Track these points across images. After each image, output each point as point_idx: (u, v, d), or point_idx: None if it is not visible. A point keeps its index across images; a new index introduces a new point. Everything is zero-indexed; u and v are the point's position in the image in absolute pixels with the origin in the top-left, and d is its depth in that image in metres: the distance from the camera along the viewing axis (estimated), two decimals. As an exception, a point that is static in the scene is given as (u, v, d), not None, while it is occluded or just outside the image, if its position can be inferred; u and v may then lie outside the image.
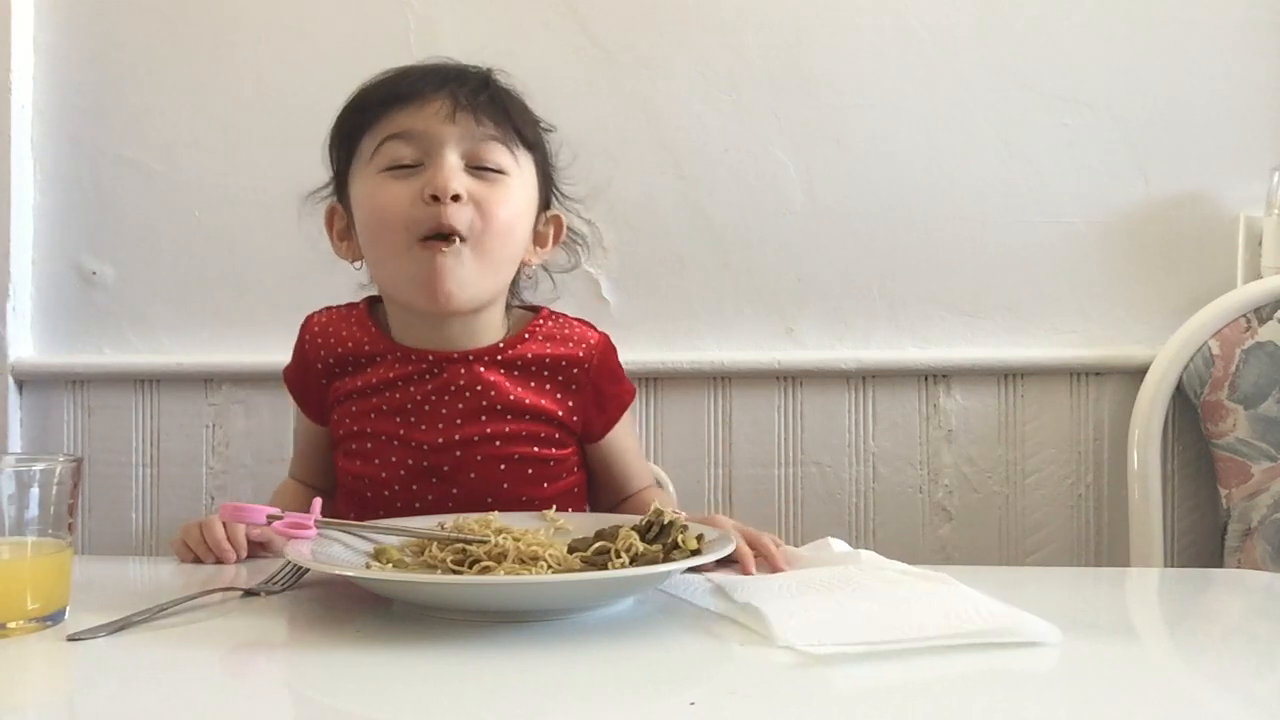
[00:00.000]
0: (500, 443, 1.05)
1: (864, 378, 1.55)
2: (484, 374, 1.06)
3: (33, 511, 0.77)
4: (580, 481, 1.14)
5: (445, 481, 1.05)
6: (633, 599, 0.83)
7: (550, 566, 0.81)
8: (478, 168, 1.03)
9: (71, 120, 1.63)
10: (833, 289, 1.56)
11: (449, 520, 0.93)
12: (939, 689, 0.64)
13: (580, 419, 1.09)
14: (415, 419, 1.06)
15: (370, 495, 1.08)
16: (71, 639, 0.73)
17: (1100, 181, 1.53)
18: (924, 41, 1.55)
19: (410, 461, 1.06)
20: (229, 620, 0.80)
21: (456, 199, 1.00)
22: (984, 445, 1.54)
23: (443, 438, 1.05)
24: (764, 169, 1.56)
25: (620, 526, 0.86)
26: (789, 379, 1.55)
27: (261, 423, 1.59)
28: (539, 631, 0.75)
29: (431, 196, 1.00)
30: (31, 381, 1.63)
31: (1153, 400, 1.45)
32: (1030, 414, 1.54)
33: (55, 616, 0.77)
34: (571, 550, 0.84)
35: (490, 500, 1.04)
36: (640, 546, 0.82)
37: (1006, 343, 1.54)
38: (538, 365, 1.08)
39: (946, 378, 1.54)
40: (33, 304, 1.63)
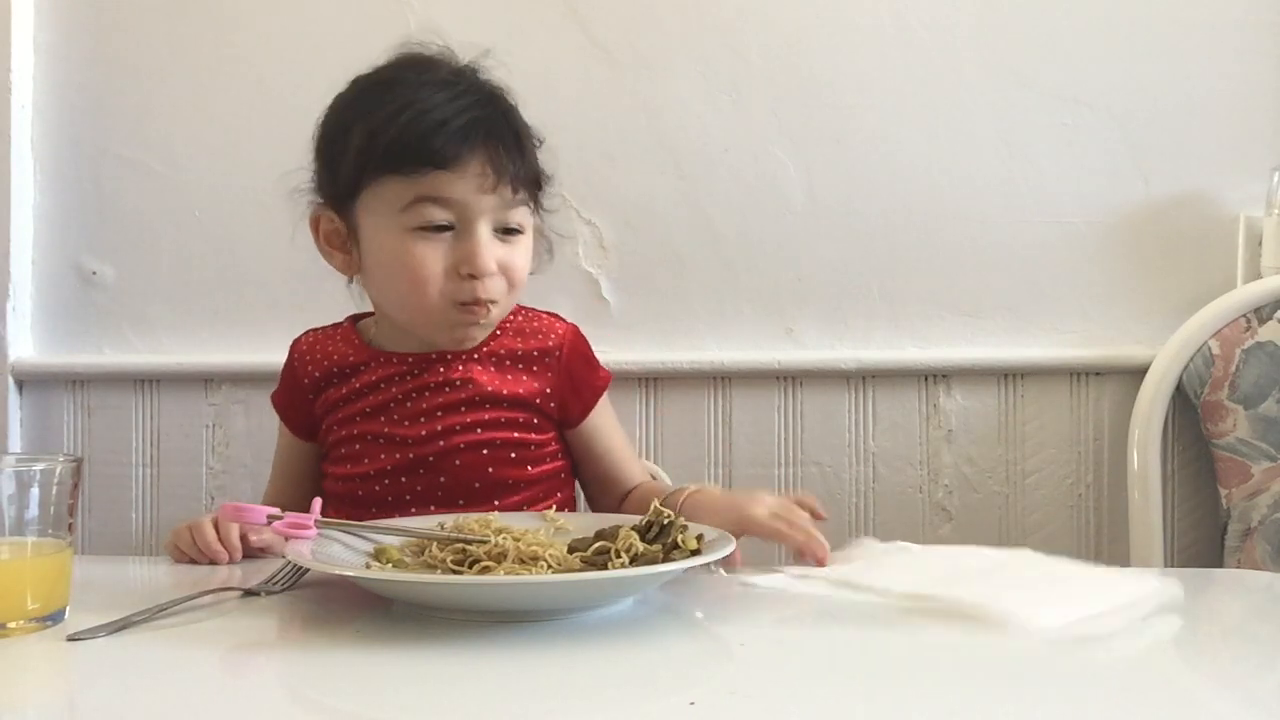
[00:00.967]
0: (481, 429, 1.09)
1: (864, 378, 1.55)
2: (461, 369, 1.10)
3: (33, 511, 0.77)
4: (565, 468, 1.16)
5: (431, 472, 1.08)
6: (633, 599, 0.83)
7: (550, 566, 0.82)
8: (505, 229, 1.07)
9: (71, 120, 1.63)
10: (832, 289, 1.56)
11: (449, 520, 0.93)
12: (924, 676, 0.64)
13: (557, 405, 1.12)
14: (399, 416, 1.10)
15: (361, 493, 1.10)
16: (71, 639, 0.73)
17: (1100, 181, 1.53)
18: (924, 41, 1.55)
19: (397, 456, 1.09)
20: (229, 620, 0.80)
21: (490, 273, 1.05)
22: (984, 445, 1.54)
23: (425, 430, 1.08)
24: (764, 169, 1.56)
25: (620, 526, 0.86)
26: (789, 379, 1.55)
27: (261, 423, 1.59)
28: (539, 631, 0.75)
29: (469, 275, 1.04)
30: (31, 381, 1.63)
31: (1153, 400, 1.45)
32: (1030, 414, 1.54)
33: (55, 616, 0.77)
34: (571, 550, 0.84)
35: (477, 485, 1.08)
36: (640, 546, 0.82)
37: (1006, 343, 1.54)
38: (512, 358, 1.11)
39: (946, 378, 1.54)
40: (33, 304, 1.63)
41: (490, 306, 1.06)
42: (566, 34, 1.57)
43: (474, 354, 1.10)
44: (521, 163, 1.07)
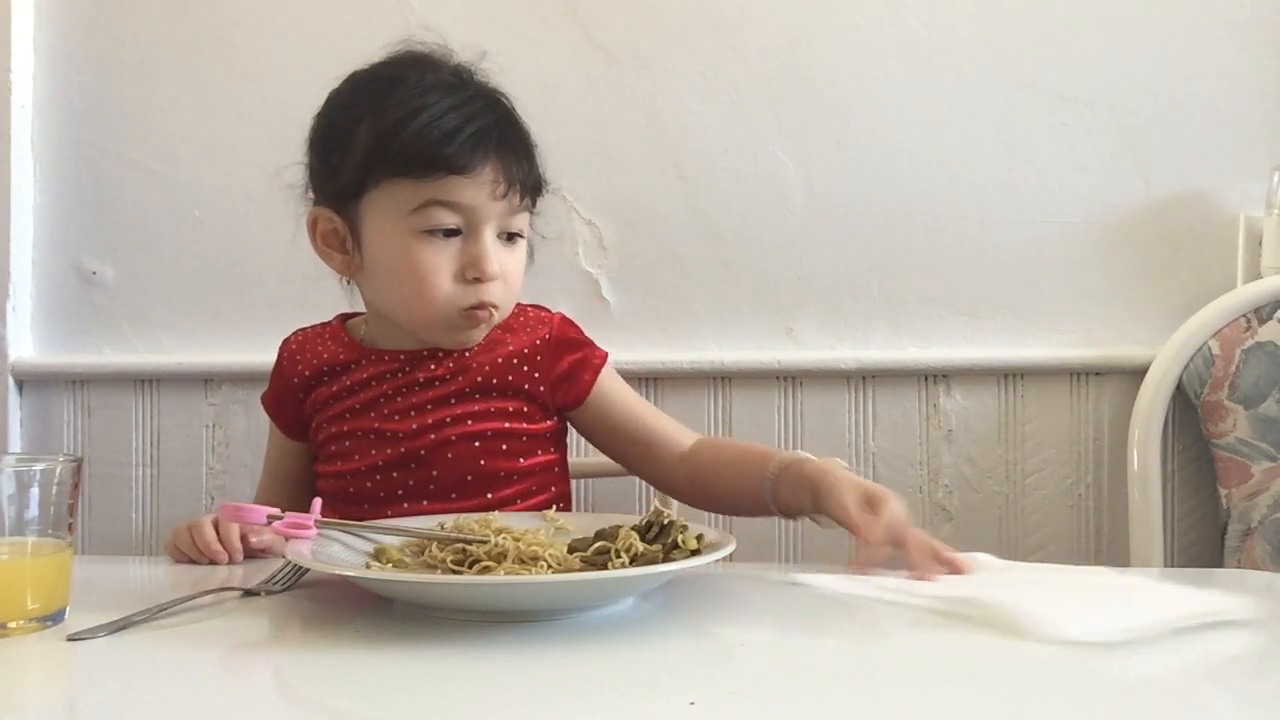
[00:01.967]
0: (472, 421, 1.09)
1: (864, 378, 1.55)
2: (451, 363, 1.10)
3: (33, 511, 0.77)
4: (559, 461, 1.16)
5: (423, 466, 1.08)
6: (633, 599, 0.83)
7: (550, 566, 0.82)
8: (508, 234, 1.08)
9: (71, 120, 1.63)
10: (832, 289, 1.56)
11: (449, 520, 0.94)
12: (925, 676, 0.64)
13: (548, 389, 1.12)
14: (389, 411, 1.10)
15: (352, 490, 1.10)
16: (71, 639, 0.73)
17: (1100, 181, 1.53)
18: (924, 41, 1.55)
19: (388, 451, 1.09)
20: (229, 620, 0.80)
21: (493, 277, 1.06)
22: (984, 445, 1.54)
23: (416, 424, 1.08)
24: (764, 169, 1.56)
25: (620, 526, 0.86)
26: (789, 379, 1.55)
27: (261, 423, 1.57)
28: (539, 631, 0.75)
29: (474, 278, 1.05)
30: (31, 381, 1.63)
31: (1153, 400, 1.45)
32: (1030, 414, 1.54)
33: (55, 616, 0.77)
34: (571, 550, 0.84)
35: (469, 478, 1.08)
36: (640, 546, 0.82)
37: (1006, 343, 1.54)
38: (501, 348, 1.11)
39: (946, 378, 1.54)
40: (33, 304, 1.63)
41: (493, 310, 1.07)
42: (566, 34, 1.57)
43: (465, 352, 1.11)
44: (529, 170, 1.08)
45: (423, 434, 1.08)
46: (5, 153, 1.59)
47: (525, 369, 1.11)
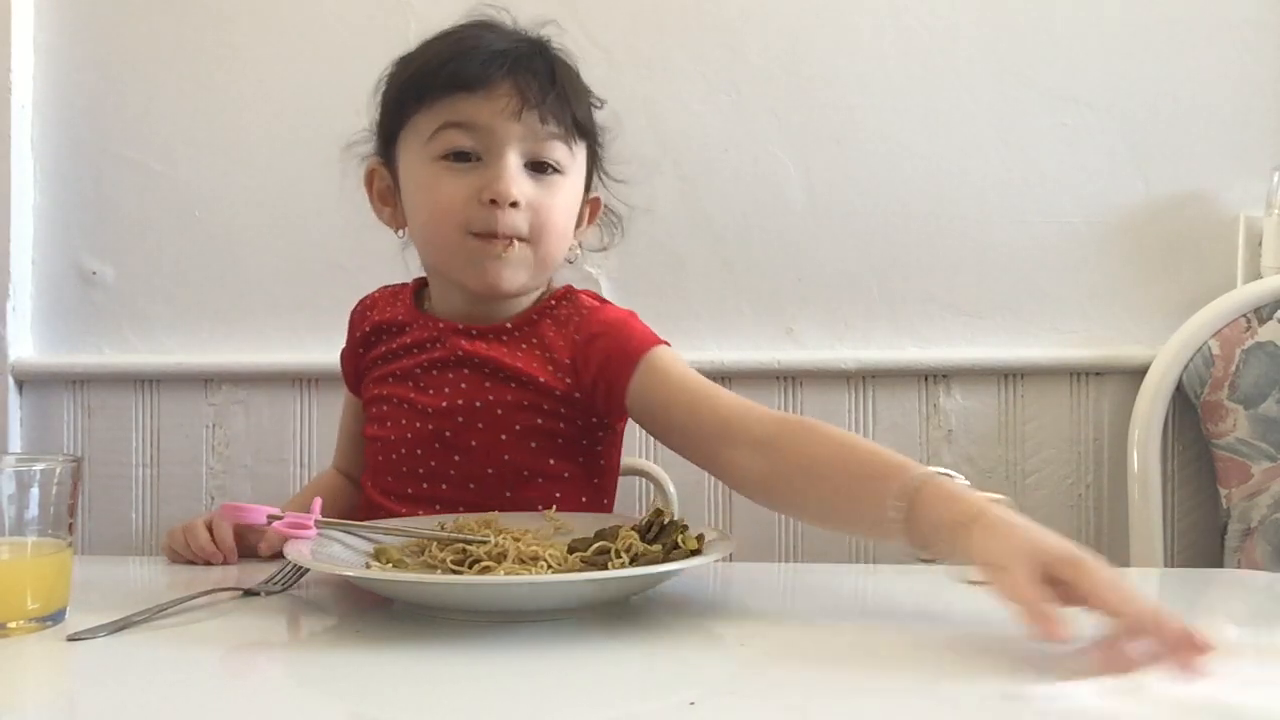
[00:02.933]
0: (501, 411, 1.03)
1: (864, 378, 1.55)
2: (484, 348, 1.05)
3: (33, 511, 0.77)
4: (603, 470, 1.09)
5: (448, 447, 1.04)
6: (632, 599, 0.83)
7: (550, 566, 0.82)
8: (537, 163, 1.03)
9: (71, 120, 1.63)
10: (833, 289, 1.56)
11: (449, 520, 0.94)
12: (925, 676, 0.64)
13: (584, 394, 1.02)
14: (423, 384, 1.07)
15: (382, 459, 1.09)
16: (71, 639, 0.73)
17: (1100, 181, 1.53)
18: (924, 41, 1.55)
19: (419, 424, 1.06)
20: (229, 620, 0.80)
21: (514, 204, 1.00)
22: (984, 445, 1.54)
23: (446, 401, 1.04)
24: (764, 169, 1.56)
25: (620, 526, 0.86)
26: (789, 379, 1.55)
27: (261, 423, 1.59)
28: (539, 631, 0.75)
29: (490, 200, 1.00)
30: (31, 381, 1.63)
31: (1153, 400, 1.45)
32: (1030, 414, 1.54)
33: (55, 616, 0.77)
34: (571, 550, 0.85)
35: (490, 471, 1.03)
36: (640, 546, 0.82)
37: (1006, 343, 1.54)
38: (541, 342, 1.05)
39: (946, 378, 1.54)
40: (33, 304, 1.63)
41: (515, 242, 1.01)
42: (566, 34, 1.56)
43: (503, 337, 1.05)
44: (554, 95, 1.01)
45: (451, 414, 1.03)
46: (5, 153, 1.59)
47: (561, 372, 1.03)
